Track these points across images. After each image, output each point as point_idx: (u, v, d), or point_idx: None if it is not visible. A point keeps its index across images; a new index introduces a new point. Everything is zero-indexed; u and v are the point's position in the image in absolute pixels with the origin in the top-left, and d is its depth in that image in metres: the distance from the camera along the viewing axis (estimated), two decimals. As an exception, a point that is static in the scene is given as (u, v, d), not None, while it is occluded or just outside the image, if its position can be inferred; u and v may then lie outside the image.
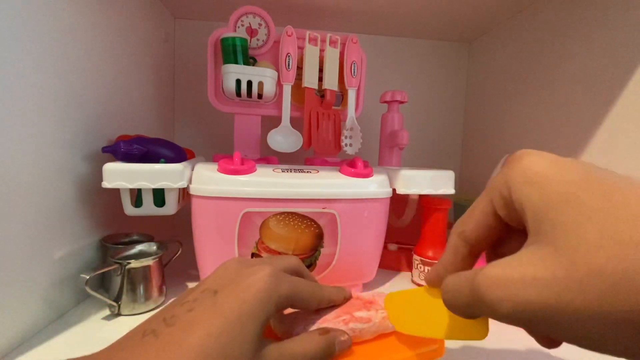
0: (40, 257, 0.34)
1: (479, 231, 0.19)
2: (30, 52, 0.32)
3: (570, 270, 0.13)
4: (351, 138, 0.53)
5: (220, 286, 0.22)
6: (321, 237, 0.41)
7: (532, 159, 0.17)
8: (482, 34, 0.72)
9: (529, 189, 0.16)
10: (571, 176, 0.15)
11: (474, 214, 0.19)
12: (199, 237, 0.41)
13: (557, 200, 0.14)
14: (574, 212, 0.14)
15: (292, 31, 0.49)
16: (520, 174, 0.16)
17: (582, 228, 0.13)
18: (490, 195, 0.18)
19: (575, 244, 0.13)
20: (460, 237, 0.20)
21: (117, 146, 0.39)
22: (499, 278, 0.15)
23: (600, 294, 0.12)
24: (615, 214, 0.13)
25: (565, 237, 0.14)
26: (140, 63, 0.54)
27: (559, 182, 0.15)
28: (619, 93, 0.42)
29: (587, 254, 0.13)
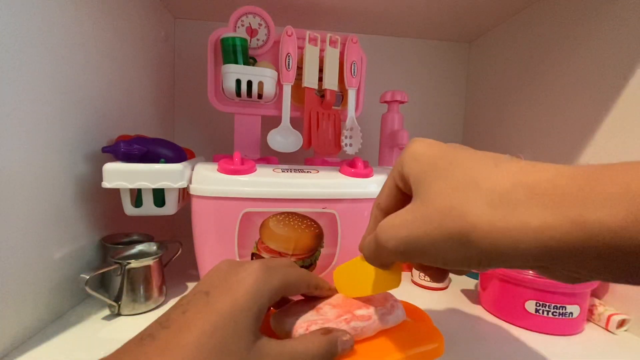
0: (40, 258, 0.34)
1: (389, 201, 0.24)
2: (30, 53, 0.32)
3: (423, 211, 0.19)
4: (351, 138, 0.53)
5: (212, 287, 0.22)
6: (321, 237, 0.41)
7: (417, 143, 0.22)
8: (482, 34, 0.72)
9: (412, 164, 0.21)
10: (438, 152, 0.21)
11: (385, 189, 0.24)
12: (199, 237, 0.40)
13: (427, 168, 0.20)
14: (432, 175, 0.20)
15: (292, 31, 0.49)
16: (408, 154, 0.22)
17: (434, 183, 0.19)
18: (393, 173, 0.24)
19: (428, 194, 0.19)
20: (377, 208, 0.25)
21: (117, 146, 0.39)
22: (387, 224, 0.21)
23: (438, 223, 0.18)
24: (453, 172, 0.19)
25: (425, 190, 0.19)
26: (140, 63, 0.54)
27: (429, 156, 0.21)
28: (619, 93, 0.42)
29: (434, 199, 0.19)
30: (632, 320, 0.39)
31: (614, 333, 0.39)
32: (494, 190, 0.17)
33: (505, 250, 0.16)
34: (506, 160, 0.18)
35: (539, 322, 0.38)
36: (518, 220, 0.15)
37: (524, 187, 0.16)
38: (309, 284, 0.27)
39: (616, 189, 0.14)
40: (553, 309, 0.38)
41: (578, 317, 0.38)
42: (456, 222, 0.17)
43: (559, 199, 0.15)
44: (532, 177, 0.16)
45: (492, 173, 0.17)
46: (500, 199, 0.16)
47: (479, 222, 0.16)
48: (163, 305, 0.41)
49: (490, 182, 0.17)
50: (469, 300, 0.46)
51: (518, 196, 0.16)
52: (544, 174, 0.16)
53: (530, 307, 0.38)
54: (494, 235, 0.16)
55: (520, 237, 0.15)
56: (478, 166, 0.18)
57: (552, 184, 0.15)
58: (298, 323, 0.25)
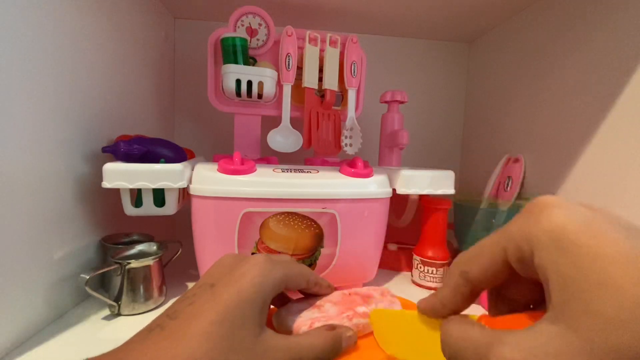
0: (40, 257, 0.34)
1: (484, 275, 0.18)
2: (30, 52, 0.32)
3: (590, 348, 0.12)
4: (351, 138, 0.53)
5: (217, 279, 0.23)
6: (321, 237, 0.41)
7: (561, 216, 0.14)
8: (482, 34, 0.72)
9: (557, 257, 0.14)
10: (611, 250, 0.13)
11: (482, 258, 0.18)
12: (199, 237, 0.41)
13: (593, 282, 0.12)
14: (615, 305, 0.12)
15: (292, 31, 0.49)
16: (546, 233, 0.14)
17: (626, 329, 0.11)
18: (505, 244, 0.16)
19: (615, 348, 0.12)
20: (462, 277, 0.19)
21: (117, 146, 0.39)
22: (523, 350, 0.13)
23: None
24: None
25: (605, 336, 0.12)
26: (140, 63, 0.54)
27: (596, 255, 0.13)
28: (619, 93, 0.42)
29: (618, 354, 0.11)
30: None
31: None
32: None
33: None
34: None
35: (539, 322, 0.38)
36: None
37: None
38: (308, 280, 0.27)
39: None
40: (553, 309, 0.38)
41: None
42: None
43: None
44: None
45: None
46: None
47: None
48: (163, 305, 0.41)
49: None
50: (469, 300, 0.46)
51: None
52: None
53: (530, 307, 0.38)
54: None
55: None
56: None
57: None
58: (301, 321, 0.25)
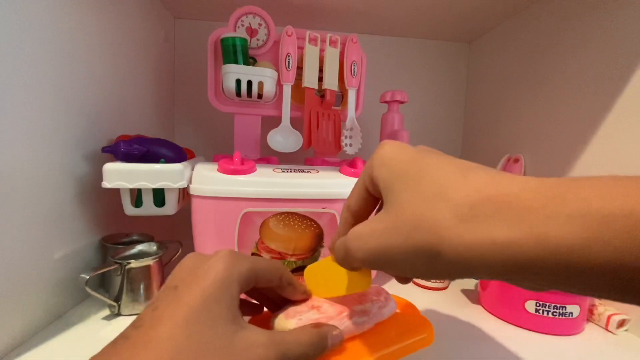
0: (40, 257, 0.34)
1: (359, 204, 0.24)
2: (30, 52, 0.32)
3: (392, 222, 0.19)
4: (351, 138, 0.53)
5: (180, 280, 0.22)
6: (321, 237, 0.41)
7: (386, 147, 0.22)
8: (482, 34, 0.72)
9: (381, 169, 0.21)
10: (407, 157, 0.20)
11: (355, 191, 0.24)
12: (199, 237, 0.41)
13: (396, 175, 0.20)
14: (402, 182, 0.19)
15: (292, 31, 0.49)
16: (378, 158, 0.22)
17: (404, 192, 0.19)
18: (363, 177, 0.23)
19: (398, 203, 0.19)
20: (347, 210, 0.25)
21: (117, 146, 0.39)
22: (357, 233, 0.21)
23: (407, 235, 0.18)
24: (421, 181, 0.19)
25: (394, 199, 0.19)
26: (140, 63, 0.54)
27: (399, 161, 0.20)
28: (619, 92, 0.42)
29: (403, 209, 0.19)
30: (632, 320, 0.39)
31: (614, 333, 0.39)
32: (463, 203, 0.17)
33: (472, 264, 0.16)
34: (474, 170, 0.18)
35: (538, 322, 0.38)
36: (485, 235, 0.16)
37: (491, 201, 0.16)
38: (281, 276, 0.26)
39: (578, 206, 0.14)
40: (553, 308, 0.38)
41: (578, 317, 0.38)
42: (425, 235, 0.17)
43: (524, 214, 0.15)
44: (499, 190, 0.16)
45: (460, 185, 0.17)
46: (469, 213, 0.16)
47: (447, 235, 0.16)
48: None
49: (458, 194, 0.17)
50: (469, 300, 0.46)
51: (485, 210, 0.16)
52: (511, 188, 0.16)
53: (530, 307, 0.38)
54: (462, 249, 0.16)
55: (487, 252, 0.16)
56: (447, 176, 0.18)
57: (518, 198, 0.16)
58: (302, 322, 0.25)
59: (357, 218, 0.24)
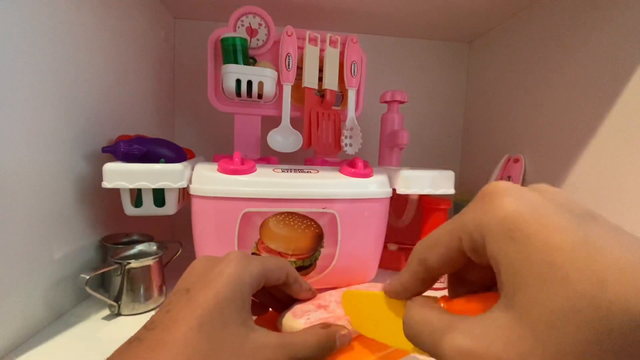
0: (40, 257, 0.34)
1: (442, 263, 0.18)
2: (30, 52, 0.32)
3: (538, 355, 0.12)
4: (351, 138, 0.53)
5: (191, 283, 0.22)
6: (321, 237, 0.41)
7: (511, 205, 0.14)
8: (482, 34, 0.72)
9: (507, 246, 0.14)
10: (559, 239, 0.13)
11: (439, 247, 0.18)
12: (199, 237, 0.40)
13: (541, 272, 0.13)
14: (561, 296, 0.12)
15: (292, 31, 0.49)
16: (497, 223, 0.14)
17: (570, 321, 0.12)
18: (459, 234, 0.16)
19: (560, 339, 0.12)
20: (421, 264, 0.19)
21: (117, 146, 0.39)
22: (469, 354, 0.14)
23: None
24: (608, 307, 0.11)
25: (551, 326, 0.12)
26: (140, 63, 0.54)
27: (544, 245, 0.13)
28: (619, 93, 0.42)
29: (573, 354, 0.12)
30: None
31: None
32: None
33: None
34: None
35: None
36: None
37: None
38: (288, 274, 0.26)
39: None
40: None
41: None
42: None
43: None
44: None
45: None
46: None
47: None
48: (163, 305, 0.41)
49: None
50: (469, 300, 0.46)
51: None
52: None
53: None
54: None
55: None
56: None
57: None
58: (309, 322, 0.25)
59: (431, 274, 0.19)
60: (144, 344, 0.19)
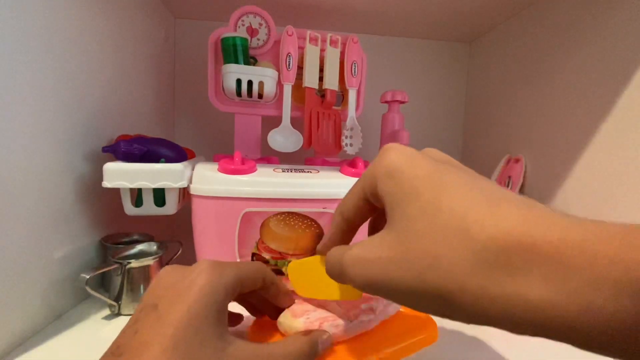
0: (40, 257, 0.34)
1: (354, 212, 0.22)
2: (30, 52, 0.32)
3: (401, 253, 0.16)
4: (351, 138, 0.53)
5: (159, 298, 0.20)
6: (321, 237, 0.41)
7: (393, 154, 0.19)
8: (482, 34, 0.72)
9: (387, 182, 0.18)
10: (420, 171, 0.18)
11: (351, 199, 0.22)
12: (199, 237, 0.40)
13: (406, 194, 0.17)
14: (415, 205, 0.17)
15: (293, 31, 0.49)
16: (383, 168, 0.19)
17: (418, 220, 0.16)
18: (362, 184, 0.21)
19: (409, 231, 0.17)
20: (341, 216, 0.23)
21: (117, 146, 0.39)
22: (357, 258, 0.19)
23: (418, 273, 0.16)
24: (439, 208, 0.16)
25: (404, 224, 0.17)
26: (140, 63, 0.54)
27: (409, 177, 0.18)
28: (620, 93, 0.42)
29: (415, 240, 0.16)
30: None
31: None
32: (488, 247, 0.14)
33: (495, 317, 0.14)
34: (504, 202, 0.15)
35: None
36: (514, 290, 0.13)
37: (523, 249, 0.13)
38: (264, 277, 0.25)
39: (630, 272, 0.11)
40: (554, 309, 0.38)
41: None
42: (440, 278, 0.15)
43: (566, 272, 0.12)
44: (534, 236, 0.13)
45: (487, 221, 0.14)
46: (496, 260, 0.14)
47: (468, 283, 0.14)
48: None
49: (484, 234, 0.14)
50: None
51: (516, 260, 0.13)
52: (550, 234, 0.13)
53: (530, 307, 0.38)
54: (485, 302, 0.14)
55: (515, 308, 0.13)
56: (471, 206, 0.15)
57: (558, 250, 0.13)
58: (309, 322, 0.25)
59: (350, 225, 0.23)
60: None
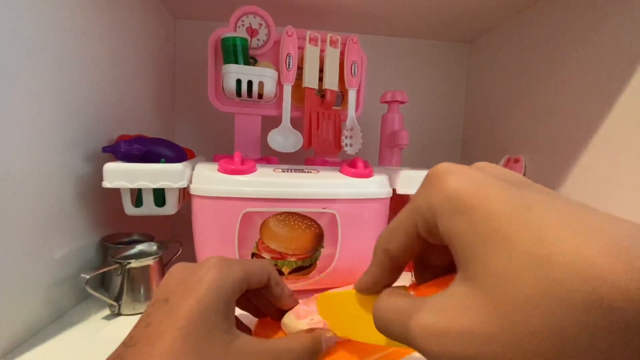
0: (40, 257, 0.34)
1: (403, 249, 0.18)
2: (30, 52, 0.32)
3: (508, 329, 0.12)
4: (351, 138, 0.53)
5: (170, 293, 0.21)
6: (321, 237, 0.41)
7: (453, 180, 0.15)
8: (482, 34, 0.72)
9: (455, 220, 0.14)
10: (499, 205, 0.13)
11: (398, 234, 0.18)
12: (199, 237, 0.40)
13: (486, 238, 0.13)
14: (504, 256, 0.13)
15: (293, 31, 0.49)
16: (445, 201, 0.15)
17: (517, 279, 0.12)
18: (414, 218, 0.17)
19: (509, 296, 0.12)
20: (385, 254, 0.19)
21: (117, 146, 0.39)
22: (432, 329, 0.14)
23: (534, 355, 0.12)
24: (549, 262, 0.12)
25: (497, 285, 0.13)
26: (140, 63, 0.54)
27: (487, 214, 0.13)
28: (620, 93, 0.42)
29: (524, 311, 0.12)
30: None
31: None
32: (635, 320, 0.10)
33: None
34: (632, 239, 0.11)
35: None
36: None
37: None
38: (270, 276, 0.25)
39: None
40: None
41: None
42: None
43: None
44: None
45: (621, 278, 0.11)
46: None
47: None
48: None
49: (626, 301, 0.11)
50: (469, 301, 0.46)
51: None
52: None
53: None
54: None
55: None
56: (591, 255, 0.11)
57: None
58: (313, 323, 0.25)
59: (395, 263, 0.20)
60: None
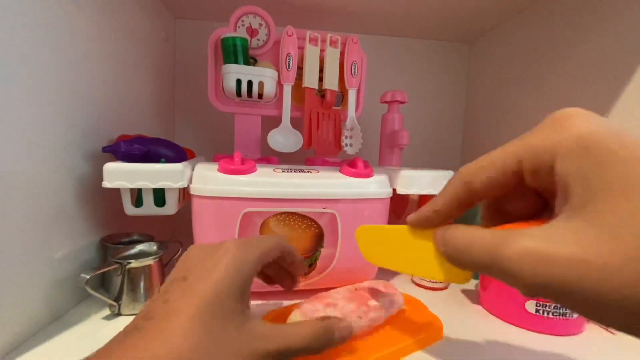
0: (40, 257, 0.34)
1: (489, 185, 0.17)
2: (31, 52, 0.32)
3: (626, 261, 0.12)
4: (351, 138, 0.53)
5: (188, 271, 0.22)
6: (321, 237, 0.41)
7: (588, 124, 0.14)
8: (482, 34, 0.72)
9: (583, 161, 0.14)
10: (631, 153, 0.13)
11: (491, 169, 0.17)
12: (199, 237, 0.40)
13: (620, 182, 0.13)
14: (637, 200, 0.12)
15: (293, 31, 0.49)
16: (573, 141, 0.14)
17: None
18: (518, 154, 0.16)
19: (638, 237, 0.12)
20: (465, 187, 0.19)
21: (117, 146, 0.39)
22: (534, 252, 0.14)
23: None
24: None
25: (629, 228, 0.12)
26: (140, 63, 0.54)
27: (627, 159, 0.13)
28: (620, 93, 0.42)
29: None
30: (632, 320, 0.39)
31: (614, 333, 0.39)
32: None
33: None
34: None
35: (539, 322, 0.38)
36: None
37: None
38: (283, 249, 0.26)
39: None
40: (553, 309, 0.38)
41: (578, 317, 0.38)
42: None
43: None
44: None
45: None
46: None
47: None
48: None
49: None
50: (469, 300, 0.46)
51: None
52: None
53: (530, 307, 0.38)
54: None
55: None
56: None
57: None
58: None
59: (473, 196, 0.18)
60: (142, 332, 0.19)
